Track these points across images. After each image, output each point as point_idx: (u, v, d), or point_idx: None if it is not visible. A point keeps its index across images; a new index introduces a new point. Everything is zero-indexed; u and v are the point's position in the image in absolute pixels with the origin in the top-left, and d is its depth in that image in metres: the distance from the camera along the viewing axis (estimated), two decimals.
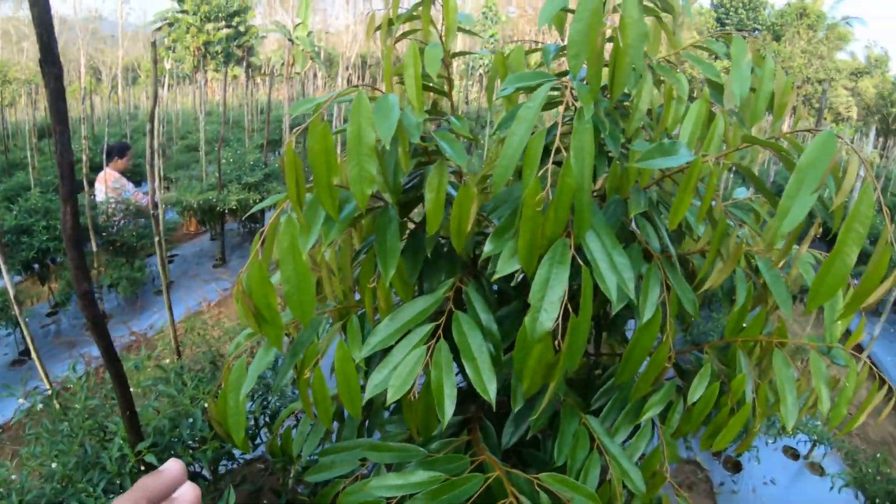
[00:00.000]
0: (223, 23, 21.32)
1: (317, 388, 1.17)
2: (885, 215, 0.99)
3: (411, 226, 1.35)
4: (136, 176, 6.96)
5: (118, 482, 1.51)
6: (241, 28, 21.79)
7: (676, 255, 1.58)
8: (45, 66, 1.17)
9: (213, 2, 20.61)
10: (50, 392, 1.84)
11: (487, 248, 1.05)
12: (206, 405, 1.76)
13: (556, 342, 0.99)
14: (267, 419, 2.07)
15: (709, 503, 3.38)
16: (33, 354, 2.18)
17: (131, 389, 1.43)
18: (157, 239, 2.59)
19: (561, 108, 1.02)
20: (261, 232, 1.03)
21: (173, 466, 0.47)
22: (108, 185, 5.38)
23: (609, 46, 1.15)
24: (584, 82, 1.03)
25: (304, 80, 13.66)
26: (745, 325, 1.48)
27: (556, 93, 1.18)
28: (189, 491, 0.47)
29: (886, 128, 28.22)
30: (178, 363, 2.80)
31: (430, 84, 1.33)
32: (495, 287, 1.40)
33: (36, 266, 4.80)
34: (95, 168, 6.24)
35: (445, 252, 1.33)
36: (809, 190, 0.95)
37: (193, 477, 1.80)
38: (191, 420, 1.70)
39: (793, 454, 4.05)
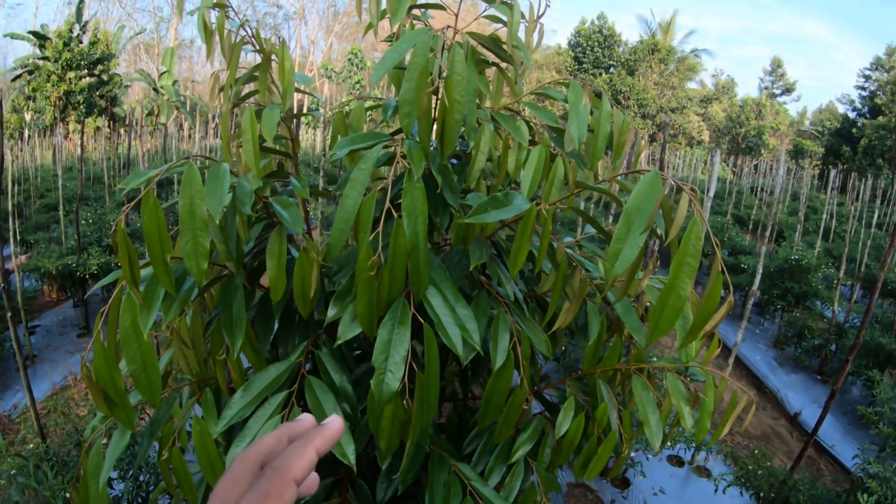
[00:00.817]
0: (86, 71, 20.19)
1: (177, 467, 1.12)
2: (715, 245, 1.05)
3: (261, 290, 1.32)
4: None
5: None
6: (105, 77, 20.71)
7: (537, 295, 1.65)
8: None
9: (75, 49, 19.48)
10: None
11: (330, 312, 1.05)
12: (67, 495, 1.63)
13: (406, 401, 1.00)
14: (140, 500, 1.94)
15: None
16: None
17: None
18: (8, 315, 2.39)
19: (393, 167, 1.03)
20: (101, 312, 0.98)
21: (307, 417, 0.55)
22: None
23: None
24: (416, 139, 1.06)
25: (171, 130, 13.17)
26: (602, 354, 1.54)
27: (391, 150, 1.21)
28: (336, 419, 0.53)
29: (737, 147, 31.05)
30: (42, 448, 2.58)
31: (270, 146, 1.33)
32: (355, 345, 1.39)
33: None
34: None
35: (298, 315, 1.31)
36: (638, 231, 1.00)
37: None
38: None
39: (678, 461, 4.26)
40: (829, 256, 8.63)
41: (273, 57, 1.28)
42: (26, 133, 14.75)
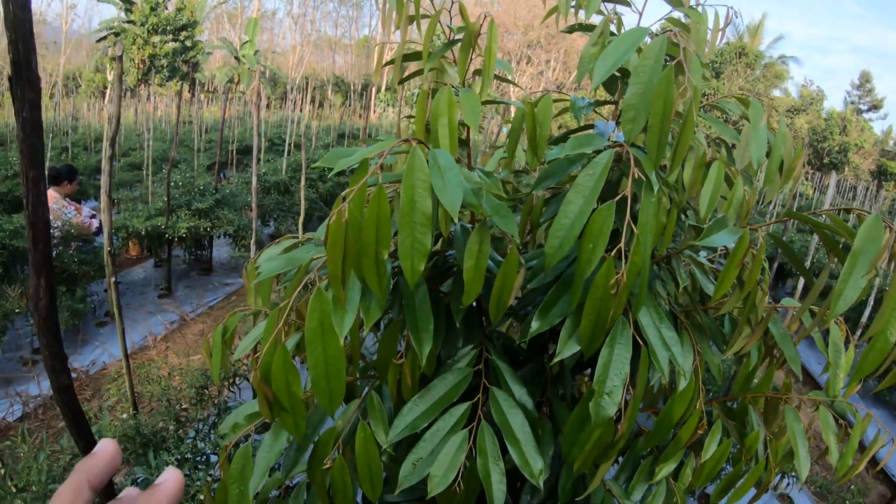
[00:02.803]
0: (171, 36, 20.71)
1: (337, 479, 1.05)
2: None
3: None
4: (77, 194, 6.62)
5: None
6: (189, 43, 21.20)
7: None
8: (20, 88, 0.95)
9: (161, 14, 20.00)
10: None
11: (533, 325, 0.98)
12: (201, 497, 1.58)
13: (618, 425, 0.92)
14: None
15: None
16: None
17: None
18: (113, 280, 2.41)
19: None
20: (282, 307, 0.92)
21: (107, 446, 0.45)
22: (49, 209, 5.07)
23: None
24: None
25: (249, 99, 13.41)
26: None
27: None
28: (173, 475, 0.45)
29: (819, 161, 29.81)
30: (135, 422, 2.60)
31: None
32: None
33: None
34: None
35: (466, 317, 1.24)
36: (860, 273, 0.97)
37: None
38: None
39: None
40: None
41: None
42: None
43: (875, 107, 35.95)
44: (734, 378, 1.61)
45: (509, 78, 1.32)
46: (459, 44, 1.20)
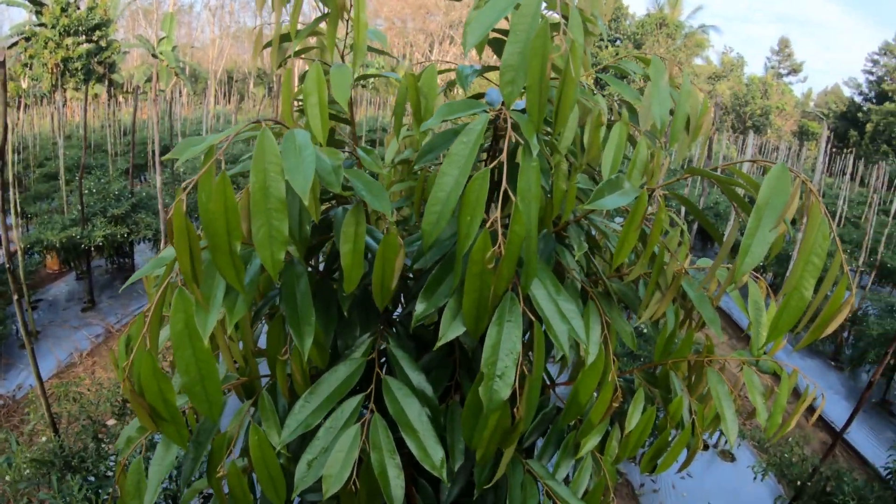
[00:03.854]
0: (83, 37, 19.67)
1: (235, 486, 0.97)
2: (837, 242, 0.95)
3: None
4: None
5: None
6: (103, 43, 20.19)
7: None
8: None
9: (72, 14, 18.95)
10: None
11: (419, 307, 0.91)
12: None
13: (515, 409, 0.86)
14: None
15: None
16: None
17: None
18: (15, 298, 2.24)
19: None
20: (144, 312, 0.83)
21: None
22: None
23: None
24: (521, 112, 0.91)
25: (170, 97, 12.93)
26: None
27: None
28: None
29: (742, 125, 30.80)
30: (56, 443, 2.44)
31: (332, 111, 1.17)
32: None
33: None
34: None
35: (357, 300, 1.16)
36: (768, 227, 0.92)
37: None
38: None
39: (702, 445, 4.21)
40: (843, 243, 8.50)
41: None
42: (23, 101, 14.41)
43: (794, 71, 37.36)
44: None
45: (384, 49, 1.23)
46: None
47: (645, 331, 4.39)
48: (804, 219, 0.99)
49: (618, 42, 33.09)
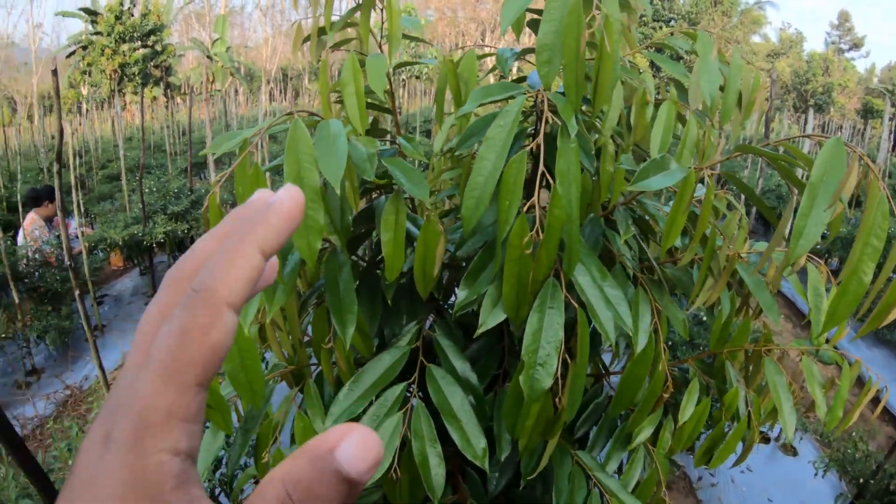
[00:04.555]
0: (139, 42, 20.37)
1: None
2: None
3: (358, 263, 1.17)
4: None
5: None
6: (158, 47, 20.87)
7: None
8: None
9: (127, 21, 19.64)
10: None
11: (460, 294, 0.89)
12: None
13: (557, 398, 0.84)
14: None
15: (691, 500, 3.33)
16: None
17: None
18: (77, 293, 2.33)
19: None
20: None
21: (260, 194, 0.33)
22: (27, 231, 4.98)
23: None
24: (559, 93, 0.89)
25: (226, 97, 13.23)
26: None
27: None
28: (290, 193, 0.30)
29: (804, 104, 29.61)
30: None
31: (373, 101, 1.17)
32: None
33: None
34: (11, 208, 5.75)
35: (403, 289, 1.16)
36: (822, 206, 0.86)
37: None
38: None
39: (763, 438, 4.07)
40: None
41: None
42: (84, 107, 15.00)
43: (856, 45, 35.66)
44: None
45: (420, 37, 1.22)
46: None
47: (704, 318, 4.28)
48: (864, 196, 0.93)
49: (672, 22, 32.23)
